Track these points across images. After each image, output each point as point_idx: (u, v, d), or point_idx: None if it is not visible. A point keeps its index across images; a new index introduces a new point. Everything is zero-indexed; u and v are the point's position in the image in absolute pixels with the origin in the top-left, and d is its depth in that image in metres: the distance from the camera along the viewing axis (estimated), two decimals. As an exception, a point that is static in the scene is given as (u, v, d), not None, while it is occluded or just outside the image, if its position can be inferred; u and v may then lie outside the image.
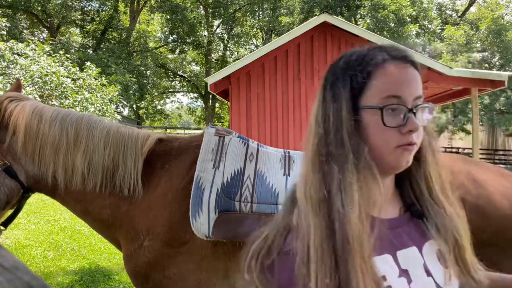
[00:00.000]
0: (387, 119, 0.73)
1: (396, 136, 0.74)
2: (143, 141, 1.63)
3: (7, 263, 0.46)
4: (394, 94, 0.74)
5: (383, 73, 0.75)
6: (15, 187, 1.60)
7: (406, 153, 0.75)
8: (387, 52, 0.77)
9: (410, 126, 0.73)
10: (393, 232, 0.78)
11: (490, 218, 1.45)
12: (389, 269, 0.74)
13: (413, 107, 0.74)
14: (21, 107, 1.63)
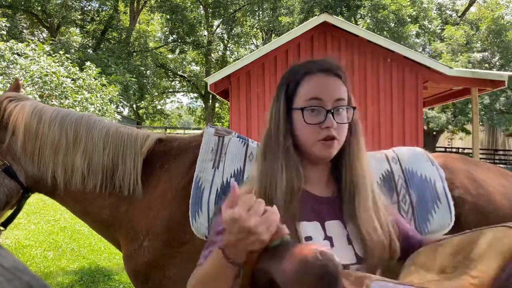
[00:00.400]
0: (308, 118, 0.93)
1: (317, 131, 0.93)
2: (142, 141, 1.62)
3: (7, 263, 0.46)
4: (315, 96, 0.93)
5: (308, 81, 0.96)
6: (15, 187, 1.60)
7: (327, 145, 0.94)
8: (315, 65, 0.98)
9: (327, 123, 0.92)
10: (324, 206, 0.98)
11: (490, 218, 1.44)
12: (316, 233, 0.94)
13: (332, 108, 0.93)
14: (21, 107, 1.63)
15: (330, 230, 0.95)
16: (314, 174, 1.00)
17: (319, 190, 1.00)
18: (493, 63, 19.28)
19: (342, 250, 0.93)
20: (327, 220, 0.96)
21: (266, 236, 0.78)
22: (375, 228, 0.96)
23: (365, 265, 0.93)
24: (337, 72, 0.98)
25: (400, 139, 7.69)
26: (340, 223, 0.97)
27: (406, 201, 1.48)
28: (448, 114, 18.96)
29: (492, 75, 7.83)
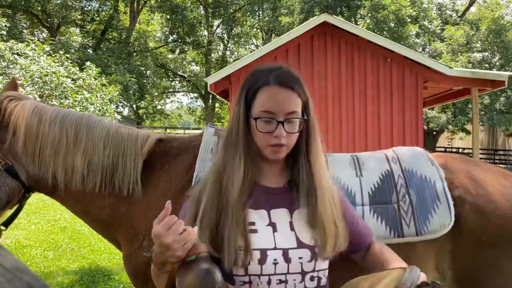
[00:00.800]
0: (260, 127, 1.05)
1: (269, 138, 1.05)
2: (142, 141, 1.62)
3: (7, 263, 0.46)
4: (268, 110, 1.05)
5: (264, 92, 1.06)
6: (17, 186, 1.60)
7: (275, 151, 1.07)
8: (273, 76, 1.06)
9: (276, 133, 1.04)
10: (272, 196, 1.10)
11: (490, 218, 1.45)
12: (260, 219, 1.07)
13: (284, 120, 1.05)
14: (21, 107, 1.63)
15: (275, 217, 1.07)
16: (268, 168, 1.13)
17: (271, 182, 1.13)
18: (493, 63, 19.27)
19: (284, 235, 1.05)
20: (273, 209, 1.08)
21: (180, 252, 0.92)
22: (330, 217, 1.07)
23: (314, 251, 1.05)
24: (292, 85, 1.07)
25: (400, 139, 7.69)
26: (286, 211, 1.09)
27: (405, 201, 1.48)
28: (448, 114, 18.95)
29: (492, 75, 7.83)
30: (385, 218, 1.45)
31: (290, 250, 1.04)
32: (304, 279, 1.05)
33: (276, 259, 1.03)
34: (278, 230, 1.06)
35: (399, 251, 1.47)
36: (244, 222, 1.03)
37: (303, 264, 1.05)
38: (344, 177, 1.54)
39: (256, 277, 1.02)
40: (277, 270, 1.03)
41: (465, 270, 1.45)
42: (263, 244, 1.03)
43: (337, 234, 1.08)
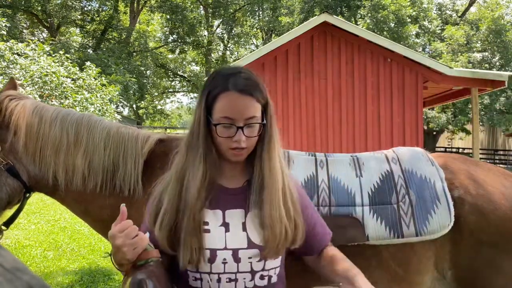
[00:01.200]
0: (220, 132, 1.08)
1: (229, 142, 1.08)
2: (143, 142, 1.62)
3: (7, 263, 0.46)
4: (227, 116, 1.07)
5: (223, 98, 1.07)
6: (18, 186, 1.60)
7: (236, 154, 1.10)
8: (233, 83, 1.07)
9: (236, 138, 1.07)
10: (230, 197, 1.14)
11: (490, 219, 1.45)
12: (214, 219, 1.10)
13: (243, 125, 1.07)
14: (22, 106, 1.63)
15: (229, 218, 1.11)
16: (229, 168, 1.17)
17: (230, 183, 1.16)
18: (493, 63, 19.27)
19: (235, 235, 1.09)
20: (229, 209, 1.12)
21: (130, 256, 0.97)
22: (279, 219, 1.09)
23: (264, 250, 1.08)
24: (251, 91, 1.08)
25: (400, 139, 7.69)
26: (241, 212, 1.12)
27: (405, 201, 1.48)
28: (448, 114, 18.95)
29: (492, 75, 7.83)
30: (385, 219, 1.45)
31: (240, 250, 1.08)
32: (254, 278, 1.10)
33: (225, 259, 1.07)
34: (231, 230, 1.10)
35: (398, 251, 1.47)
36: (199, 222, 1.07)
37: (252, 263, 1.09)
38: (344, 177, 1.54)
39: (206, 275, 1.08)
40: (227, 269, 1.07)
41: (465, 270, 1.45)
42: (214, 244, 1.08)
43: (287, 235, 1.10)
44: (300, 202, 1.18)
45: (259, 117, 1.11)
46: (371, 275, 1.47)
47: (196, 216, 1.06)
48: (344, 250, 1.45)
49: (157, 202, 1.14)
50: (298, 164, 1.59)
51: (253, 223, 1.11)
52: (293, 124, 7.81)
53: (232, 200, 1.14)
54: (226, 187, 1.15)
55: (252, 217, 1.11)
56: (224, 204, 1.12)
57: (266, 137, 1.15)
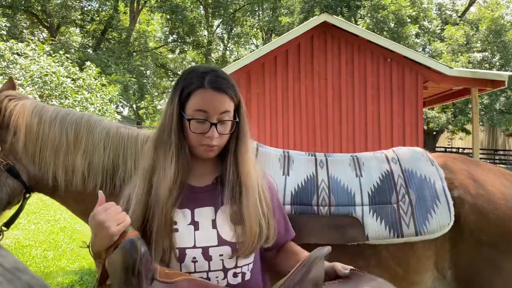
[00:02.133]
0: (193, 127, 1.08)
1: (201, 138, 1.09)
2: (143, 142, 1.62)
3: (7, 263, 0.46)
4: (201, 108, 1.08)
5: (198, 94, 1.08)
6: (18, 187, 1.59)
7: (208, 150, 1.11)
8: (207, 80, 1.09)
9: (209, 134, 1.08)
10: (198, 195, 1.13)
11: (490, 218, 1.45)
12: (183, 219, 1.09)
13: (217, 122, 1.08)
14: (21, 107, 1.63)
15: (198, 216, 1.10)
16: (198, 166, 1.16)
17: (199, 181, 1.16)
18: (493, 63, 19.26)
19: (205, 233, 1.08)
20: (198, 207, 1.11)
21: (113, 229, 0.93)
22: (254, 214, 1.10)
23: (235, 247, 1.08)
24: (225, 89, 1.10)
25: (400, 139, 7.69)
26: (211, 209, 1.12)
27: (405, 201, 1.48)
28: (448, 114, 18.95)
29: (492, 75, 7.83)
30: (385, 218, 1.45)
31: (211, 248, 1.08)
32: (226, 276, 1.09)
33: (195, 257, 1.07)
34: (200, 228, 1.09)
35: (398, 251, 1.47)
36: (171, 222, 1.07)
37: (224, 261, 1.08)
38: (344, 177, 1.54)
39: None
40: (197, 268, 1.07)
41: (465, 270, 1.46)
42: (183, 243, 1.07)
43: (261, 231, 1.11)
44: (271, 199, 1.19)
45: (232, 114, 1.13)
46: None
47: (167, 216, 1.05)
48: (343, 249, 1.45)
49: (125, 205, 1.13)
50: (298, 164, 1.59)
51: (224, 219, 1.10)
52: (293, 124, 7.81)
53: (201, 198, 1.13)
54: (194, 185, 1.15)
55: (223, 213, 1.11)
56: (192, 203, 1.12)
57: (239, 135, 1.16)
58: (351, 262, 1.47)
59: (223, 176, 1.15)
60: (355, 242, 1.44)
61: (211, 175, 1.18)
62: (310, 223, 1.43)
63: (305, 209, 1.47)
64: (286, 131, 7.80)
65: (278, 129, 7.81)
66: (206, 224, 1.10)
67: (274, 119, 7.80)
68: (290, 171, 1.56)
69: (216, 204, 1.12)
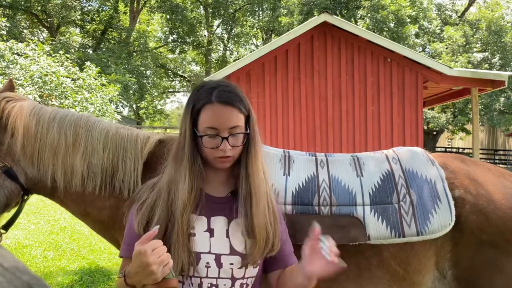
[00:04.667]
0: (206, 143, 1.13)
1: (215, 151, 1.14)
2: (142, 142, 1.61)
3: (7, 263, 0.45)
4: (212, 126, 1.12)
5: (207, 110, 1.13)
6: (15, 189, 1.58)
7: (222, 161, 1.16)
8: (215, 95, 1.13)
9: (222, 147, 1.13)
10: (215, 204, 1.18)
11: (490, 218, 1.45)
12: (200, 225, 1.15)
13: (228, 135, 1.13)
14: (19, 108, 1.61)
15: (214, 224, 1.16)
16: (214, 177, 1.22)
17: (215, 191, 1.21)
18: (493, 64, 19.27)
19: (219, 241, 1.14)
20: (213, 216, 1.16)
21: (159, 275, 0.96)
22: (264, 227, 1.14)
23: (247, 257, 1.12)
24: (233, 102, 1.14)
25: (400, 139, 7.69)
26: (225, 219, 1.17)
27: (406, 201, 1.48)
28: (448, 114, 18.95)
29: (492, 75, 7.83)
30: (386, 218, 1.45)
31: (223, 256, 1.12)
32: (234, 285, 1.13)
33: (208, 263, 1.11)
34: (215, 236, 1.14)
35: (399, 251, 1.47)
36: (187, 234, 1.11)
37: (233, 270, 1.13)
38: (344, 177, 1.54)
39: (188, 278, 1.12)
40: (209, 274, 1.11)
41: (466, 270, 1.45)
42: (198, 247, 1.12)
43: (268, 241, 1.15)
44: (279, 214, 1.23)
45: (243, 126, 1.16)
46: (371, 274, 1.47)
47: (184, 228, 1.10)
48: (345, 249, 1.45)
49: (148, 211, 1.15)
50: (299, 164, 1.59)
51: (236, 231, 1.15)
52: (293, 124, 7.81)
53: (216, 208, 1.18)
54: (211, 195, 1.19)
55: (236, 225, 1.16)
56: (209, 211, 1.16)
57: (250, 147, 1.19)
58: (352, 262, 1.47)
59: (237, 189, 1.19)
60: (356, 242, 1.44)
61: (226, 186, 1.22)
62: (311, 223, 1.43)
63: (306, 209, 1.47)
64: (286, 131, 7.81)
65: (278, 129, 7.81)
66: (220, 232, 1.15)
67: (274, 119, 7.80)
68: (290, 171, 1.56)
69: (230, 216, 1.17)
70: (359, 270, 1.47)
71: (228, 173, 1.23)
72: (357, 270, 1.47)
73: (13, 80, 1.79)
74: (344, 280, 1.47)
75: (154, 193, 1.19)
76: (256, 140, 1.20)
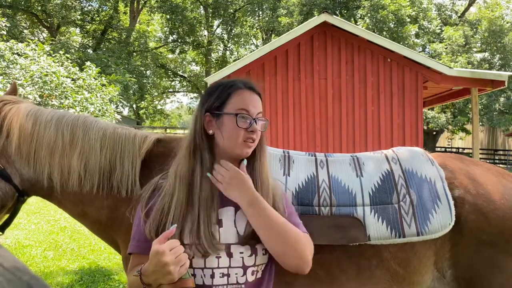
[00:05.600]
0: (240, 123, 1.17)
1: (244, 133, 1.18)
2: (140, 142, 1.60)
3: (7, 263, 0.46)
4: (244, 108, 1.19)
5: (238, 94, 1.20)
6: (10, 190, 1.56)
7: (248, 146, 1.19)
8: (243, 83, 1.22)
9: (252, 128, 1.18)
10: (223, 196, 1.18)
11: (490, 218, 1.45)
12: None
13: (255, 118, 1.19)
14: (15, 110, 1.61)
15: (222, 214, 1.18)
16: None
17: None
18: (493, 64, 19.27)
19: (227, 231, 1.16)
20: (222, 207, 1.19)
21: (175, 275, 0.98)
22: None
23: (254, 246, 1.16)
24: (258, 91, 1.24)
25: (400, 139, 7.69)
26: (232, 209, 1.19)
27: (406, 201, 1.48)
28: (448, 114, 18.96)
29: (492, 75, 7.83)
30: (386, 218, 1.45)
31: (232, 245, 1.15)
32: (245, 273, 1.15)
33: (219, 253, 1.13)
34: (223, 225, 1.17)
35: (399, 251, 1.47)
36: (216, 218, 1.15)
37: (244, 258, 1.15)
38: (344, 177, 1.54)
39: (199, 270, 1.13)
40: (220, 264, 1.13)
41: (465, 270, 1.46)
42: None
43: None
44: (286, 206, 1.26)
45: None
46: (371, 274, 1.47)
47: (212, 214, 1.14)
48: (345, 250, 1.45)
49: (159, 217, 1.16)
50: (299, 164, 1.59)
51: (242, 220, 1.18)
52: (293, 124, 7.81)
53: (225, 199, 1.19)
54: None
55: (242, 214, 1.18)
56: (217, 202, 1.19)
57: (262, 141, 1.26)
58: (352, 262, 1.47)
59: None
60: (356, 243, 1.44)
61: None
62: (311, 223, 1.43)
63: (306, 210, 1.47)
64: (286, 131, 7.81)
65: (278, 129, 7.81)
66: (228, 222, 1.17)
67: (274, 119, 7.80)
68: (290, 171, 1.56)
69: (237, 205, 1.19)
70: (359, 270, 1.47)
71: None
72: (357, 270, 1.47)
73: (16, 84, 1.79)
74: (344, 280, 1.47)
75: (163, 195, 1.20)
76: (264, 136, 1.27)
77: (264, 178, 1.23)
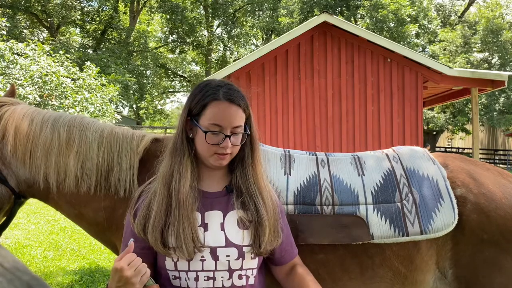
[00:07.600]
0: (209, 139, 1.16)
1: (215, 147, 1.16)
2: (138, 140, 1.58)
3: (7, 263, 0.45)
4: (217, 123, 1.15)
5: (213, 106, 1.16)
6: (6, 193, 1.55)
7: (220, 158, 1.18)
8: (223, 93, 1.16)
9: (223, 145, 1.16)
10: (208, 199, 1.20)
11: (491, 217, 1.45)
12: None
13: (230, 133, 1.16)
14: (12, 111, 1.60)
15: (208, 219, 1.18)
16: (208, 174, 1.25)
17: (209, 187, 1.24)
18: (493, 64, 19.27)
19: (214, 235, 1.16)
20: (208, 211, 1.19)
21: (138, 285, 1.01)
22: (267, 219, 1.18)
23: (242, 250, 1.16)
24: (239, 101, 1.18)
25: (400, 139, 7.69)
26: (220, 213, 1.19)
27: (409, 200, 1.47)
28: (447, 114, 18.96)
29: (492, 75, 7.82)
30: (389, 217, 1.45)
31: (218, 248, 1.14)
32: (231, 277, 1.15)
33: (203, 256, 1.13)
34: (209, 230, 1.16)
35: (402, 249, 1.47)
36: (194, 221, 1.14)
37: (230, 262, 1.15)
38: (346, 176, 1.54)
39: (183, 273, 1.14)
40: (205, 267, 1.13)
41: (466, 269, 1.45)
42: None
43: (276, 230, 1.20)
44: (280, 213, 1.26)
45: (243, 126, 1.20)
46: (374, 273, 1.47)
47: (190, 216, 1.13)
48: (347, 248, 1.45)
49: (145, 212, 1.18)
50: (300, 163, 1.59)
51: (233, 223, 1.18)
52: (293, 124, 7.80)
53: (211, 202, 1.20)
54: (205, 190, 1.22)
55: (232, 218, 1.18)
56: (203, 206, 1.19)
57: (251, 145, 1.24)
58: (355, 262, 1.47)
59: (235, 184, 1.23)
60: (360, 242, 1.44)
61: (220, 183, 1.25)
62: (314, 222, 1.43)
63: (308, 209, 1.46)
64: (286, 131, 7.80)
65: (278, 129, 7.81)
66: (215, 226, 1.17)
67: (274, 119, 7.80)
68: (291, 171, 1.55)
69: (225, 210, 1.20)
70: (361, 269, 1.47)
71: (223, 171, 1.26)
72: (360, 269, 1.47)
73: (15, 86, 1.78)
74: (347, 279, 1.47)
75: (150, 193, 1.22)
76: (255, 139, 1.25)
77: (261, 185, 1.23)
